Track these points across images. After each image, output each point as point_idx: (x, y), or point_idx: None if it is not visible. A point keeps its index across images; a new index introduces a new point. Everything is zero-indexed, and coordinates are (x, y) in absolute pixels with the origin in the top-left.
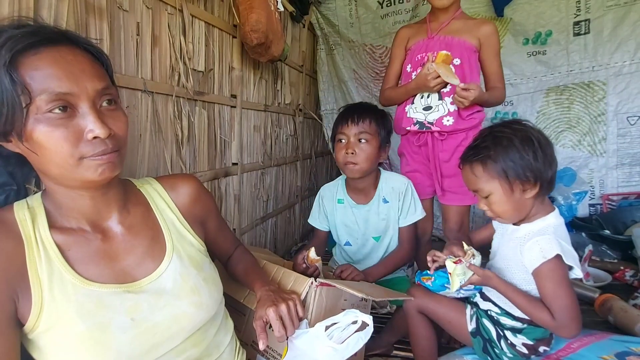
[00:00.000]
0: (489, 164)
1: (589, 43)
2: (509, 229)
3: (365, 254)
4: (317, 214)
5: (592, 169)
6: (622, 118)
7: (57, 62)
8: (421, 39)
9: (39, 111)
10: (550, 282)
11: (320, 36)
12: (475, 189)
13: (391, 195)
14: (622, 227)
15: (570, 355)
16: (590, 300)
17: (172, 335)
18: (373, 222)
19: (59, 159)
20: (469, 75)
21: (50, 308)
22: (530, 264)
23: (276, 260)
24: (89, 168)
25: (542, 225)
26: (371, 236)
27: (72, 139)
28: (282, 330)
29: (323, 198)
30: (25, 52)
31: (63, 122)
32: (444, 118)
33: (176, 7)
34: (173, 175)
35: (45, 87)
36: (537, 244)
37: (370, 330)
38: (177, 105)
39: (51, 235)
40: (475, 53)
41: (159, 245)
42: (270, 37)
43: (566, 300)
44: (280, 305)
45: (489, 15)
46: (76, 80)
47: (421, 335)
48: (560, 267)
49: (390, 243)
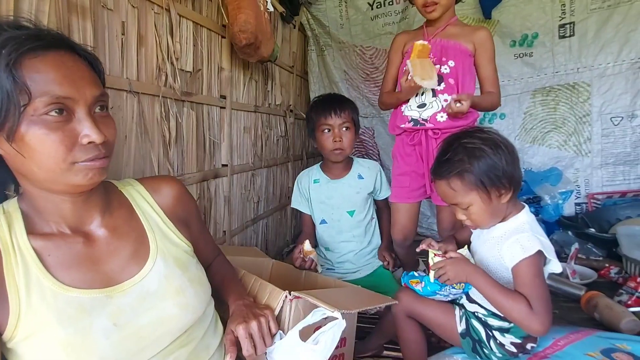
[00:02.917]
0: (466, 177)
1: (574, 45)
2: (484, 229)
3: (339, 229)
4: (299, 197)
5: (577, 168)
6: (606, 119)
7: (59, 66)
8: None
9: (35, 112)
10: (529, 275)
11: (310, 37)
12: (454, 202)
13: (367, 173)
14: (607, 225)
15: (557, 353)
16: (576, 297)
17: (157, 337)
18: (347, 195)
19: (51, 162)
20: (462, 78)
21: (28, 316)
22: (510, 261)
23: (261, 262)
24: (79, 172)
25: (517, 223)
26: (345, 210)
27: (68, 143)
28: (250, 349)
29: (300, 181)
30: (28, 54)
31: (59, 126)
32: (437, 114)
33: (163, 7)
34: (155, 177)
35: (46, 90)
36: (518, 242)
37: (342, 322)
38: (164, 106)
39: (29, 241)
40: (470, 57)
41: (143, 247)
42: (260, 38)
43: (543, 290)
44: (251, 322)
45: (477, 17)
46: (76, 85)
47: (411, 339)
48: (539, 261)
49: (363, 219)
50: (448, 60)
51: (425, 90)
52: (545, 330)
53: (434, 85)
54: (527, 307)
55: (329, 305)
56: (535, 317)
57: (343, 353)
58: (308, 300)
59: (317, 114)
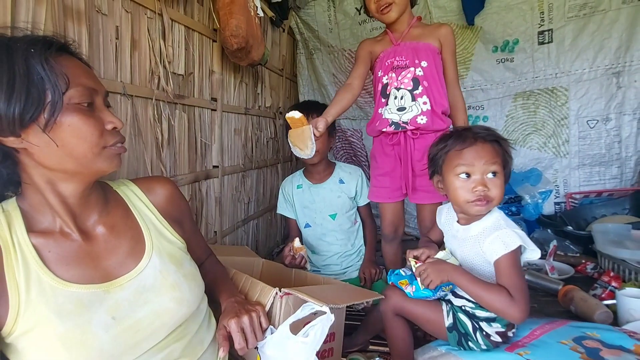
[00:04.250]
0: (506, 148)
1: (552, 51)
2: (459, 230)
3: (322, 232)
4: (284, 203)
5: (556, 169)
6: (583, 122)
7: (80, 65)
8: (388, 47)
9: (70, 101)
10: (509, 268)
11: (300, 41)
12: (494, 161)
13: (348, 178)
14: (584, 223)
15: (534, 342)
16: (554, 291)
17: (154, 331)
18: (329, 199)
19: (86, 147)
20: (431, 79)
21: (28, 311)
22: (492, 256)
23: (252, 261)
24: (107, 158)
25: (491, 221)
26: (328, 214)
27: (100, 129)
28: (242, 342)
29: (285, 188)
30: (58, 51)
31: (91, 114)
32: (417, 117)
33: (156, 12)
34: (148, 178)
35: (79, 81)
36: (499, 238)
37: (330, 316)
38: (157, 108)
39: (29, 238)
40: (438, 55)
41: (139, 244)
42: (251, 42)
43: (521, 281)
44: (243, 317)
45: (460, 23)
46: (95, 81)
47: (398, 336)
48: (518, 255)
49: (345, 222)
50: (421, 61)
51: (404, 94)
52: (525, 317)
53: (310, 155)
54: (507, 297)
55: (317, 301)
56: (516, 304)
57: (332, 347)
58: (298, 296)
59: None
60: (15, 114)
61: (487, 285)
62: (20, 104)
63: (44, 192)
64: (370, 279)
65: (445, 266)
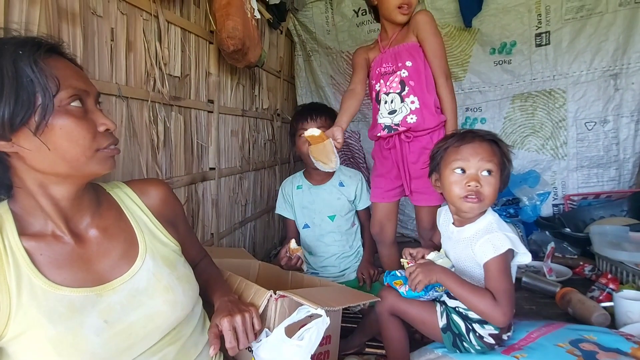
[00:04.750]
0: (503, 148)
1: (550, 53)
2: (454, 232)
3: (320, 233)
4: (283, 203)
5: (554, 171)
6: (581, 124)
7: (70, 66)
8: (377, 54)
9: (60, 104)
10: (497, 271)
11: (297, 43)
12: (489, 159)
13: (348, 181)
14: (582, 225)
15: (530, 344)
16: (552, 293)
17: (147, 334)
18: (328, 200)
19: (79, 151)
20: (416, 76)
21: (19, 315)
22: (481, 258)
23: (248, 263)
24: (100, 161)
25: (484, 224)
26: (327, 215)
27: (93, 131)
28: (233, 342)
29: (284, 188)
30: (44, 53)
31: (83, 116)
32: (407, 117)
33: (151, 13)
34: (142, 180)
35: (69, 83)
36: (489, 241)
37: (326, 319)
38: (153, 110)
39: (21, 241)
40: (420, 49)
41: (132, 247)
42: (247, 44)
43: (508, 285)
44: (236, 316)
45: (458, 25)
46: (86, 82)
47: (394, 336)
48: (507, 259)
49: (344, 224)
50: (405, 62)
51: (393, 98)
52: (507, 321)
53: (335, 167)
54: (491, 300)
55: (313, 303)
56: (499, 308)
57: (328, 350)
58: (293, 299)
59: (296, 120)
60: (5, 118)
61: (472, 287)
62: (9, 107)
63: (36, 196)
64: (369, 279)
65: (434, 267)
